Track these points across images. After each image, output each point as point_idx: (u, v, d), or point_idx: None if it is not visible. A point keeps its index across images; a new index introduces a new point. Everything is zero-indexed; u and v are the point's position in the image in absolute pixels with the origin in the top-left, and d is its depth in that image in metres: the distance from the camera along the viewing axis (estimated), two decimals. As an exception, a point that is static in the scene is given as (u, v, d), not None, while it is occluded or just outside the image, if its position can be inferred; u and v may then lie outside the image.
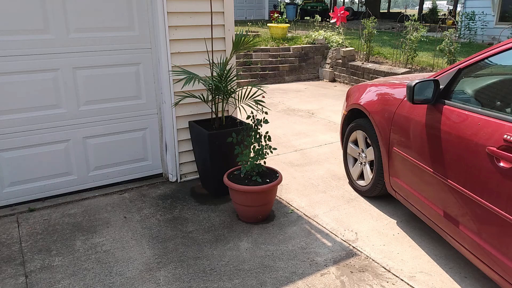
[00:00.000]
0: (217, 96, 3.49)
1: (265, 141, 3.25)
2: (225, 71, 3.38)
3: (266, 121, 3.26)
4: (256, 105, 3.42)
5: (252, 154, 3.23)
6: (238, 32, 3.55)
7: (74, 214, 3.28)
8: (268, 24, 11.35)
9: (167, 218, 3.23)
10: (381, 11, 26.52)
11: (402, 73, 7.58)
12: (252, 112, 3.35)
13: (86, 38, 3.35)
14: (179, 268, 2.62)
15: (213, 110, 3.58)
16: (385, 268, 2.64)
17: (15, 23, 3.07)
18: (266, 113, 3.37)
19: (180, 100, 3.50)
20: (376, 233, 3.04)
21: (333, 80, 9.56)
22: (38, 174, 3.41)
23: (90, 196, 3.58)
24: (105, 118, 3.58)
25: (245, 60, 9.18)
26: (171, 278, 2.52)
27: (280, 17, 11.37)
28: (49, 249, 2.81)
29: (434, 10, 22.40)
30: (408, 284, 2.49)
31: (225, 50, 3.77)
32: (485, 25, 12.01)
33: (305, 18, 20.50)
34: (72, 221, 3.17)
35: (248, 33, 3.56)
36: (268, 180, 3.15)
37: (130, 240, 2.93)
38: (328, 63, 9.75)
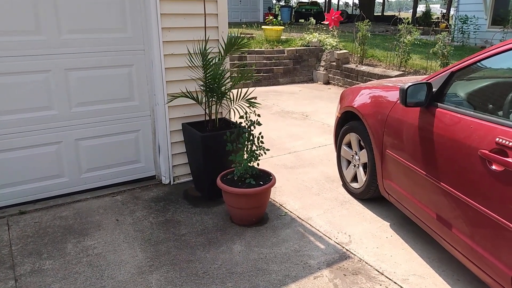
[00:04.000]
0: (211, 98, 3.47)
1: (258, 143, 3.24)
2: (219, 72, 3.37)
3: (258, 123, 3.25)
4: (250, 108, 3.41)
5: (245, 156, 3.22)
6: (232, 34, 3.54)
7: (65, 217, 3.24)
8: (262, 27, 11.37)
9: (159, 221, 3.21)
10: (375, 14, 26.68)
11: (395, 76, 7.62)
12: (246, 113, 3.34)
13: (78, 39, 3.33)
14: (172, 271, 2.60)
15: (207, 112, 3.56)
16: (378, 271, 2.64)
17: (5, 24, 3.04)
18: (259, 115, 3.36)
19: (174, 98, 3.48)
20: (369, 236, 3.04)
21: (327, 83, 9.59)
22: (29, 176, 3.38)
23: (82, 198, 3.55)
24: (98, 120, 3.55)
25: (239, 62, 9.17)
26: (163, 282, 2.50)
27: (274, 20, 11.40)
28: (39, 252, 2.77)
29: (427, 13, 22.57)
30: (401, 287, 2.49)
31: (219, 52, 3.75)
32: (478, 29, 12.10)
33: (300, 20, 20.55)
34: (64, 224, 3.14)
35: (243, 35, 3.55)
36: (261, 183, 3.13)
37: (122, 243, 2.90)
38: (322, 66, 9.77)
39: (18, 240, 2.91)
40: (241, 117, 3.34)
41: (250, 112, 3.38)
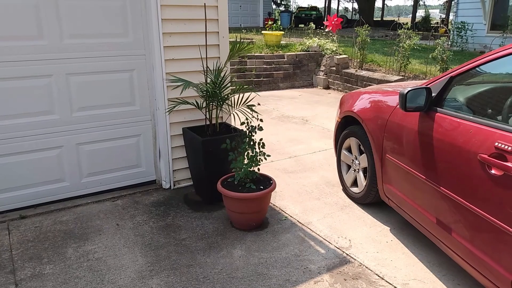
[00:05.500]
0: (211, 103, 3.49)
1: (259, 148, 3.25)
2: (220, 78, 3.39)
3: (260, 128, 3.26)
4: (251, 112, 3.43)
5: (246, 161, 3.23)
6: (233, 39, 3.57)
7: (66, 221, 3.24)
8: (262, 32, 11.41)
9: (160, 226, 3.21)
10: (374, 19, 26.80)
11: (395, 81, 7.64)
12: (246, 119, 3.35)
13: (80, 44, 3.34)
14: (172, 276, 2.60)
15: (207, 116, 3.58)
16: (378, 276, 2.64)
17: (8, 29, 3.06)
18: (261, 120, 3.37)
19: (174, 107, 3.50)
20: (369, 240, 3.04)
21: (327, 87, 9.61)
22: (30, 181, 3.38)
23: (83, 203, 3.55)
24: (99, 125, 3.57)
25: (239, 67, 9.20)
26: (163, 286, 2.50)
27: (274, 25, 11.44)
28: (40, 257, 2.77)
29: (427, 18, 22.68)
30: (401, 291, 2.49)
31: (219, 57, 3.77)
32: (476, 34, 12.14)
33: (299, 25, 20.63)
34: (64, 229, 3.14)
35: (243, 40, 3.58)
36: (262, 187, 3.14)
37: (123, 248, 2.90)
38: (322, 71, 9.80)
39: (18, 245, 2.91)
40: (242, 123, 3.35)
41: (253, 117, 3.38)
